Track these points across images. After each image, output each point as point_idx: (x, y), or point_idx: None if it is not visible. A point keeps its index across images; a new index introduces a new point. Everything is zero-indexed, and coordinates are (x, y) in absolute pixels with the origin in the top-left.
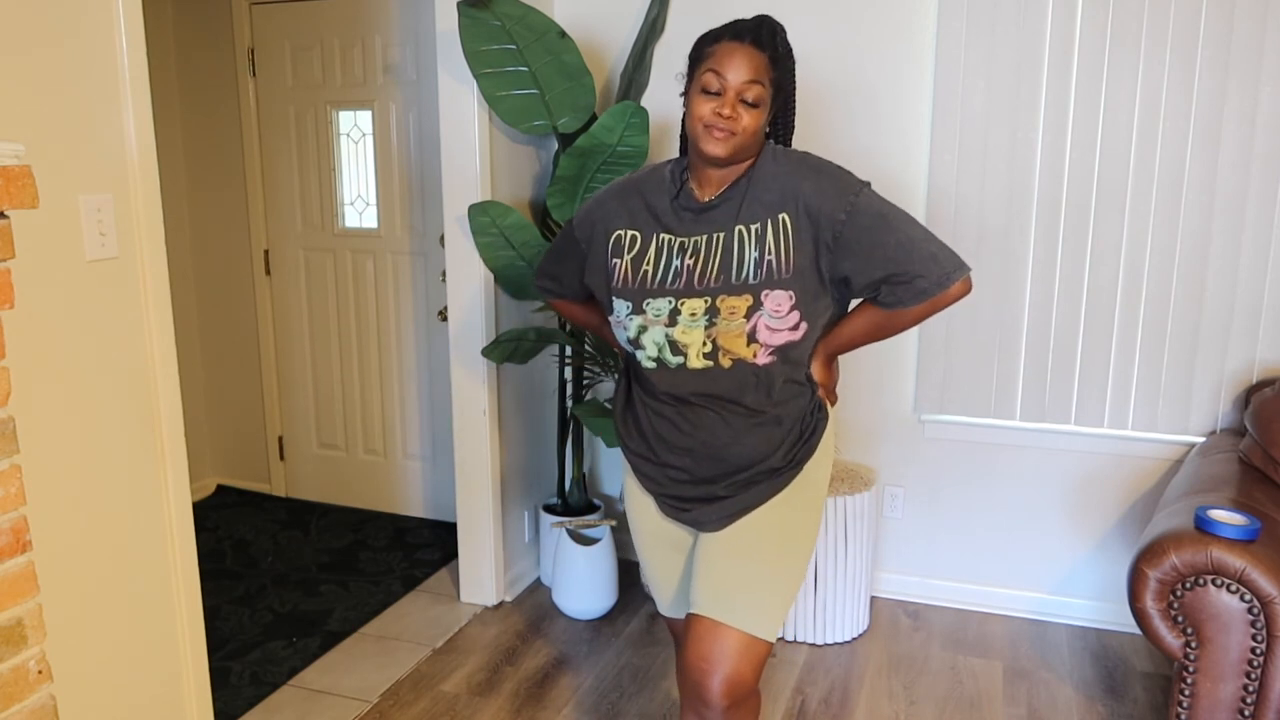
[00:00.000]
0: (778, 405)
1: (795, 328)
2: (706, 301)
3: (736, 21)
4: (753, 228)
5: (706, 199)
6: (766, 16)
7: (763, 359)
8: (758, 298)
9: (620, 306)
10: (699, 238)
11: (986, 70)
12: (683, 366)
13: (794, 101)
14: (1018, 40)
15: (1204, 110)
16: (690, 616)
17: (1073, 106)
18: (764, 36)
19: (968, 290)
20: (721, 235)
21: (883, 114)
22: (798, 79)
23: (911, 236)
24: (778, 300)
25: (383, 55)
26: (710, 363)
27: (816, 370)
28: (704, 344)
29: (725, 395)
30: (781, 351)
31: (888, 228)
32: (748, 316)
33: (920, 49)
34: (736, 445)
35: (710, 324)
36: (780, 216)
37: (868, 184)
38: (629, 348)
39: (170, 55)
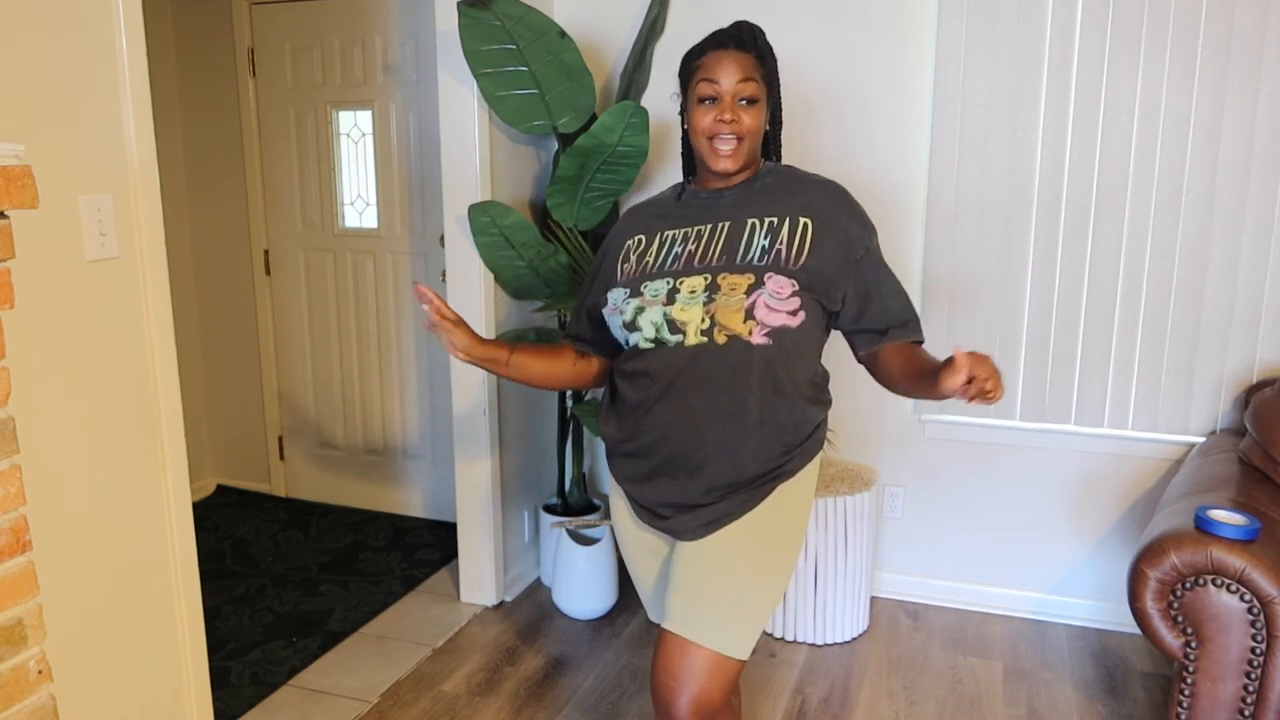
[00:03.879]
0: (764, 405)
1: (794, 313)
2: (706, 279)
3: (717, 32)
4: (768, 220)
5: (714, 188)
6: (744, 21)
7: (758, 338)
8: (760, 278)
9: (617, 294)
10: (702, 226)
11: (986, 70)
12: (680, 345)
13: (780, 102)
14: (1018, 40)
15: (1204, 110)
16: (661, 631)
17: (1073, 106)
18: (745, 39)
19: None
20: (727, 224)
21: (882, 115)
22: (797, 79)
23: (901, 289)
24: (780, 284)
25: (383, 55)
26: (706, 339)
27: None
28: (702, 320)
29: (716, 376)
30: (777, 335)
31: (888, 276)
32: (748, 293)
33: (920, 49)
34: (713, 433)
35: (709, 299)
36: (803, 220)
37: (876, 231)
38: (623, 334)
39: (170, 55)
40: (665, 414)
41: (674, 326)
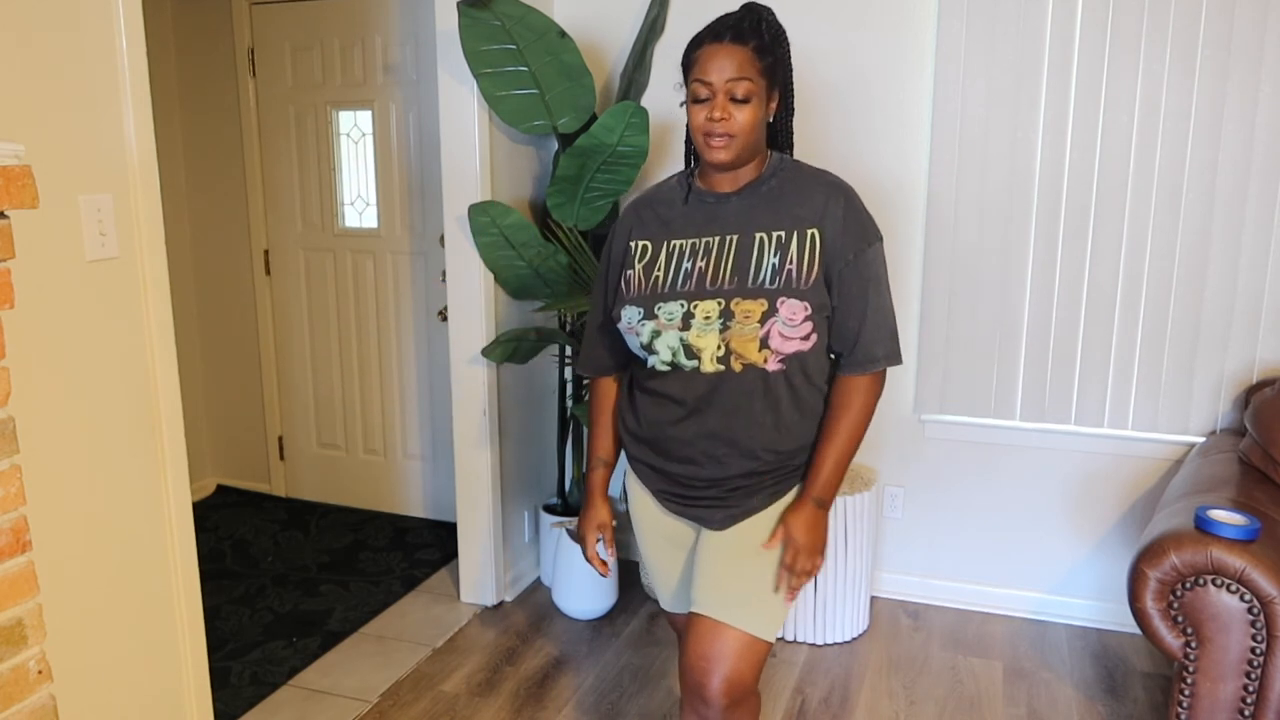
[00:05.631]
0: (782, 416)
1: (807, 337)
2: (720, 304)
3: (719, 20)
4: (775, 235)
5: (721, 191)
6: (752, 5)
7: (773, 365)
8: (773, 304)
9: (632, 313)
10: (710, 239)
11: (986, 70)
12: (697, 370)
13: (792, 87)
14: (1018, 40)
15: (1204, 110)
16: (691, 615)
17: (1073, 106)
18: (746, 29)
19: (883, 383)
20: (735, 238)
21: (883, 114)
22: (798, 80)
23: (886, 308)
24: (793, 309)
25: (383, 55)
26: (722, 367)
27: (798, 523)
28: (718, 347)
29: (735, 402)
30: (790, 360)
31: (875, 290)
32: (762, 321)
33: (920, 49)
34: (733, 442)
35: (724, 327)
36: (810, 232)
37: (881, 239)
38: (641, 354)
39: (170, 55)
40: (687, 431)
41: (690, 352)
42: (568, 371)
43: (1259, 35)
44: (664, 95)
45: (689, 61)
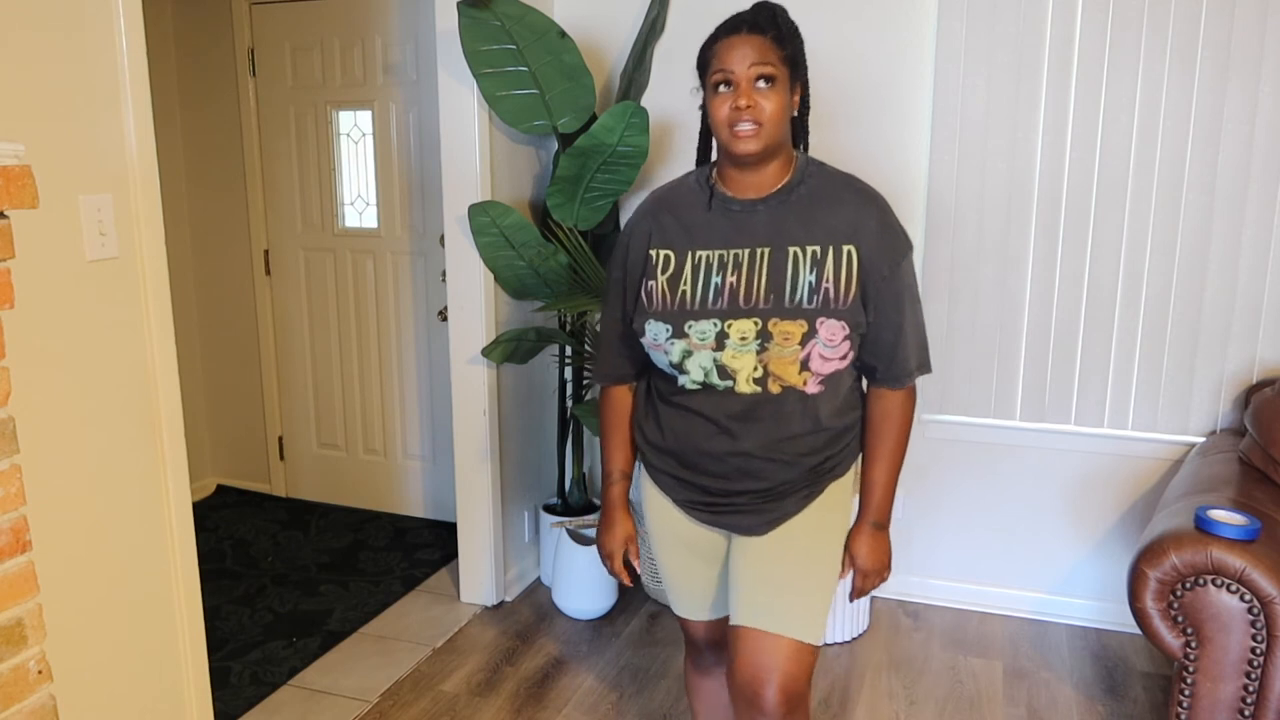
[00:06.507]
0: (815, 431)
1: (844, 356)
2: (757, 324)
3: (732, 16)
4: (810, 250)
5: (747, 198)
6: (763, 3)
7: (812, 387)
8: (813, 325)
9: (658, 329)
10: (739, 251)
11: (986, 70)
12: (731, 390)
13: (808, 82)
14: (1018, 40)
15: (1204, 110)
16: (738, 628)
17: (1073, 106)
18: (762, 20)
19: (915, 392)
20: (767, 251)
21: (883, 114)
22: None
23: (918, 320)
24: (832, 329)
25: (383, 55)
26: (759, 388)
27: (862, 550)
28: (755, 369)
29: (770, 422)
30: (828, 380)
31: (910, 302)
32: (802, 343)
33: (920, 49)
34: (774, 465)
35: (762, 349)
36: (846, 248)
37: (912, 248)
38: (670, 372)
39: (170, 55)
40: (719, 448)
41: (724, 372)
42: (568, 371)
43: (1259, 35)
44: (664, 95)
45: (706, 58)
